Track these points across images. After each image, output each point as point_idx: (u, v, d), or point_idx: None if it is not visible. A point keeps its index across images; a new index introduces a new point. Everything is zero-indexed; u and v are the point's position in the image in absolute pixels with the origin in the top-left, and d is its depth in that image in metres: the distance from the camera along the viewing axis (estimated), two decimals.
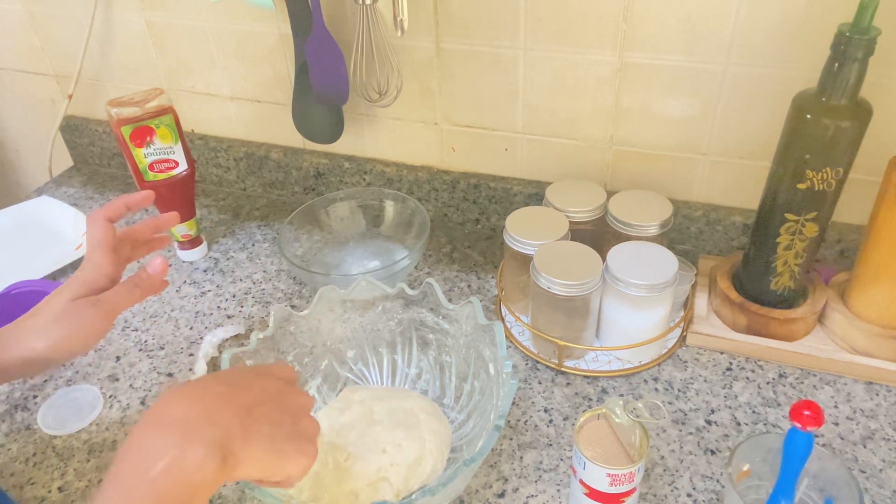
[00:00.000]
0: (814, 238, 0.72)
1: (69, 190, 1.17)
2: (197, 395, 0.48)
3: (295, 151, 1.07)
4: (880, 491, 0.63)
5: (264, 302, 0.90)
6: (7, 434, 0.74)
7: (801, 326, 0.76)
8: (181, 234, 0.95)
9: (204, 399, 0.47)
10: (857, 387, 0.73)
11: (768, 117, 0.79)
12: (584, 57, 0.83)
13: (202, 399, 0.47)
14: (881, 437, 0.68)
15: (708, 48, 0.78)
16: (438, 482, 0.55)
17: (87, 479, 0.69)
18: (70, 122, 1.19)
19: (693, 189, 0.89)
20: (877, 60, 0.63)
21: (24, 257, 0.99)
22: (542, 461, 0.68)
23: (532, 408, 0.73)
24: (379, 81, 0.90)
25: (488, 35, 0.85)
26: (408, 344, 0.74)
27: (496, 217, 0.99)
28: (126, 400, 0.77)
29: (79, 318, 0.59)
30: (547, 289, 0.73)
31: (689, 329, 0.79)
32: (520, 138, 0.93)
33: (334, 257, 0.95)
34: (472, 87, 0.91)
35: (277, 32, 0.96)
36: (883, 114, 0.68)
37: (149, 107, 0.87)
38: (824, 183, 0.68)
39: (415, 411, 0.66)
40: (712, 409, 0.72)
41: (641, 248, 0.75)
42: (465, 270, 0.93)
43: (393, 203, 0.95)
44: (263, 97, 1.05)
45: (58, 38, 1.12)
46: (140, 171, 0.89)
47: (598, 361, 0.77)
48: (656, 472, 0.66)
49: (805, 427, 0.52)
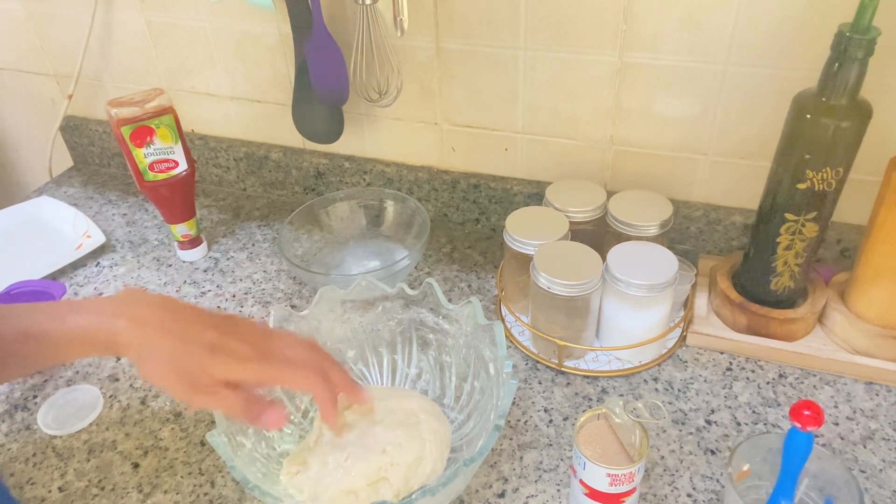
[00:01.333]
0: (814, 238, 0.72)
1: (69, 190, 1.17)
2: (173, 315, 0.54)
3: (295, 151, 1.07)
4: (880, 491, 0.63)
5: (264, 302, 0.90)
6: (7, 434, 0.74)
7: (801, 326, 0.76)
8: (181, 234, 0.95)
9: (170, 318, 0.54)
10: (857, 387, 0.73)
11: (768, 117, 0.79)
12: (584, 57, 0.83)
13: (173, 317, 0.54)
14: (881, 437, 0.68)
15: (708, 48, 0.78)
16: (438, 482, 0.55)
17: (87, 479, 0.69)
18: (70, 122, 1.19)
19: (693, 189, 0.89)
20: (877, 60, 0.63)
21: (24, 257, 0.99)
22: (542, 461, 0.68)
23: (532, 408, 0.73)
24: (379, 81, 0.90)
25: (488, 35, 0.85)
26: (408, 344, 0.74)
27: (496, 217, 0.99)
28: (126, 400, 0.77)
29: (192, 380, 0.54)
30: (547, 289, 0.73)
31: (689, 329, 0.79)
32: (520, 138, 0.93)
33: (334, 257, 0.95)
34: (472, 87, 0.91)
35: (277, 32, 0.96)
36: (883, 114, 0.68)
37: (149, 107, 0.87)
38: (824, 183, 0.68)
39: (415, 411, 0.66)
40: (712, 409, 0.72)
41: (641, 248, 0.75)
42: (465, 270, 0.93)
43: (393, 203, 0.95)
44: (263, 97, 1.05)
45: (58, 38, 1.12)
46: (140, 171, 0.89)
47: (598, 361, 0.77)
48: (656, 472, 0.66)
49: (805, 427, 0.52)
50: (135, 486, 0.68)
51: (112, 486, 0.68)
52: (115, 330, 0.53)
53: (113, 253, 1.01)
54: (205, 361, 0.53)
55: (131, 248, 1.01)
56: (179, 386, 0.53)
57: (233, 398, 0.54)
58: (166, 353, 0.53)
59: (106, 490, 0.68)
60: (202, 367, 0.53)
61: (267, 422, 0.55)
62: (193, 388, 0.53)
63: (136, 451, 0.71)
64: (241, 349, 0.54)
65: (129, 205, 1.12)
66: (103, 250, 1.01)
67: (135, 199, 1.13)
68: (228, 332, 0.55)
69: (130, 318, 0.53)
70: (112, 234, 1.04)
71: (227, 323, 0.56)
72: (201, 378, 0.53)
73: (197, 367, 0.53)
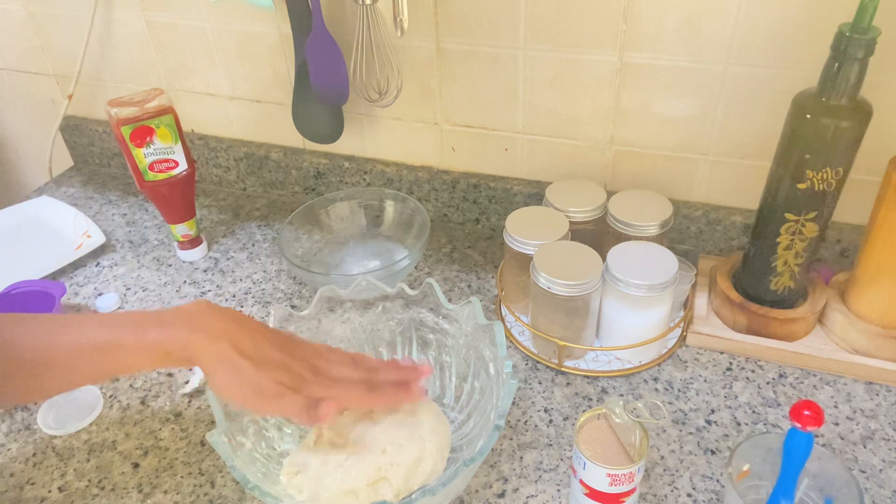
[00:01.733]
0: (814, 238, 0.72)
1: (69, 190, 1.17)
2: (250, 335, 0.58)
3: (295, 151, 1.07)
4: (880, 491, 0.63)
5: (264, 302, 0.90)
6: (7, 434, 0.74)
7: (801, 326, 0.76)
8: (181, 234, 0.95)
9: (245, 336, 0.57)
10: (857, 387, 0.73)
11: (768, 117, 0.79)
12: (584, 57, 0.83)
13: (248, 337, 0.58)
14: (881, 437, 0.68)
15: (708, 48, 0.78)
16: (438, 482, 0.55)
17: (87, 479, 0.69)
18: (70, 122, 1.19)
19: (693, 189, 0.89)
20: (877, 60, 0.63)
21: (24, 257, 0.99)
22: (542, 461, 0.68)
23: (532, 408, 0.73)
24: (379, 81, 0.90)
25: (488, 35, 0.85)
26: (408, 344, 0.74)
27: (496, 217, 0.99)
28: (126, 400, 0.77)
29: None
30: (547, 289, 0.73)
31: (689, 329, 0.79)
32: (520, 138, 0.93)
33: (334, 257, 0.95)
34: (472, 87, 0.91)
35: (277, 32, 0.96)
36: (883, 114, 0.68)
37: (149, 107, 0.87)
38: (824, 183, 0.68)
39: (415, 411, 0.66)
40: (712, 409, 0.72)
41: (641, 248, 0.75)
42: (465, 270, 0.93)
43: (393, 203, 0.95)
44: (263, 97, 1.05)
45: (58, 38, 1.12)
46: (140, 171, 0.89)
47: (598, 361, 0.77)
48: (656, 472, 0.66)
49: (805, 427, 0.52)
50: (135, 486, 0.68)
51: (112, 486, 0.68)
52: (192, 345, 0.56)
53: (113, 253, 1.01)
54: (276, 375, 0.57)
55: (131, 248, 1.01)
56: (253, 399, 0.57)
57: (297, 399, 0.58)
58: (243, 372, 0.56)
59: (106, 490, 0.68)
60: (273, 379, 0.57)
61: (324, 416, 0.58)
62: (262, 397, 0.57)
63: (136, 451, 0.71)
64: (301, 369, 0.59)
65: (129, 205, 1.12)
66: (103, 250, 1.01)
67: (135, 199, 1.13)
68: (291, 353, 0.59)
69: (205, 332, 0.56)
70: (112, 234, 1.04)
71: (289, 342, 0.61)
72: (270, 387, 0.57)
73: (269, 385, 0.57)
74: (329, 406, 0.58)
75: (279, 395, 0.57)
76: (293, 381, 0.58)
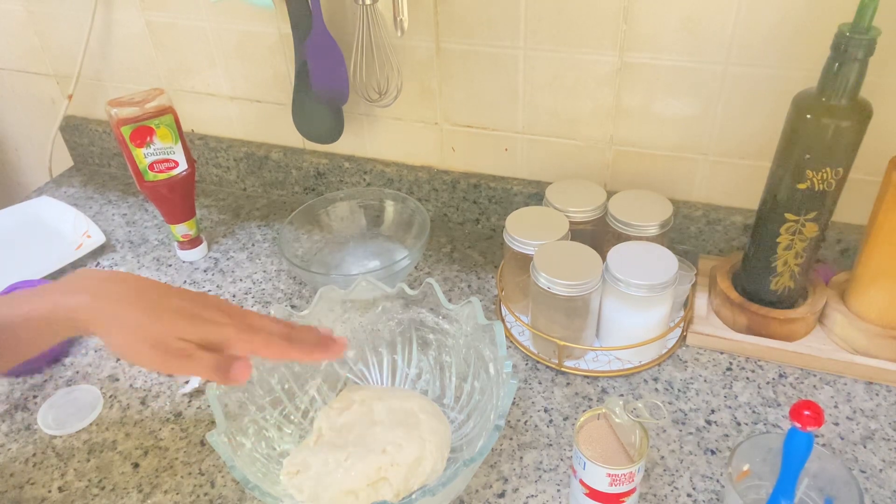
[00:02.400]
0: (814, 238, 0.72)
1: (69, 190, 1.17)
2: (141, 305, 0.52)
3: (295, 151, 1.07)
4: (880, 491, 0.63)
5: (264, 302, 0.90)
6: (7, 434, 0.74)
7: (801, 326, 0.76)
8: (181, 234, 0.95)
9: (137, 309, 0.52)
10: (857, 387, 0.73)
11: (768, 117, 0.79)
12: (584, 57, 0.83)
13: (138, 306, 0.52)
14: (881, 437, 0.68)
15: (708, 48, 0.78)
16: (438, 482, 0.55)
17: (87, 479, 0.69)
18: (70, 122, 1.19)
19: (693, 189, 0.89)
20: (877, 60, 0.63)
21: (24, 257, 0.99)
22: (542, 461, 0.68)
23: (532, 408, 0.73)
24: (379, 81, 0.90)
25: (488, 35, 0.85)
26: (408, 344, 0.74)
27: (496, 217, 0.99)
28: (126, 400, 0.77)
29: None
30: (547, 289, 0.73)
31: (689, 329, 0.79)
32: (520, 138, 0.93)
33: (334, 257, 0.95)
34: (472, 87, 0.91)
35: (277, 32, 0.96)
36: (883, 114, 0.68)
37: (149, 107, 0.87)
38: (824, 183, 0.68)
39: (415, 411, 0.66)
40: (712, 409, 0.72)
41: (641, 248, 0.75)
42: (465, 270, 0.93)
43: (393, 203, 0.95)
44: (263, 97, 1.05)
45: (58, 38, 1.12)
46: (140, 171, 0.89)
47: (598, 361, 0.77)
48: (656, 472, 0.66)
49: (805, 427, 0.52)
50: (135, 486, 0.68)
51: (112, 486, 0.68)
52: (74, 306, 0.52)
53: (113, 253, 1.01)
54: (177, 325, 0.52)
55: (131, 248, 1.01)
56: (152, 354, 0.51)
57: (207, 359, 0.53)
58: (133, 324, 0.51)
59: (106, 490, 0.68)
60: (175, 331, 0.52)
61: (236, 376, 0.53)
62: (167, 354, 0.52)
63: (136, 451, 0.71)
64: (212, 315, 0.54)
65: (129, 205, 1.12)
66: (103, 250, 1.01)
67: (135, 199, 1.13)
68: (195, 300, 0.55)
69: (89, 292, 0.52)
70: (112, 234, 1.04)
71: (192, 293, 0.56)
72: (173, 343, 0.52)
73: (168, 333, 0.52)
74: (242, 366, 0.53)
75: (187, 354, 0.52)
76: (204, 331, 0.53)
